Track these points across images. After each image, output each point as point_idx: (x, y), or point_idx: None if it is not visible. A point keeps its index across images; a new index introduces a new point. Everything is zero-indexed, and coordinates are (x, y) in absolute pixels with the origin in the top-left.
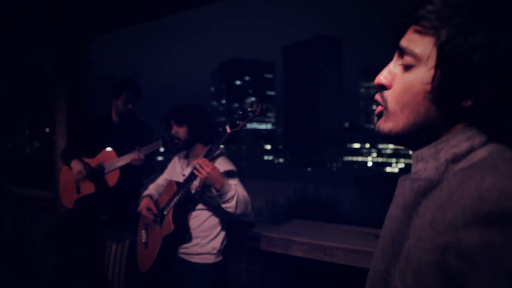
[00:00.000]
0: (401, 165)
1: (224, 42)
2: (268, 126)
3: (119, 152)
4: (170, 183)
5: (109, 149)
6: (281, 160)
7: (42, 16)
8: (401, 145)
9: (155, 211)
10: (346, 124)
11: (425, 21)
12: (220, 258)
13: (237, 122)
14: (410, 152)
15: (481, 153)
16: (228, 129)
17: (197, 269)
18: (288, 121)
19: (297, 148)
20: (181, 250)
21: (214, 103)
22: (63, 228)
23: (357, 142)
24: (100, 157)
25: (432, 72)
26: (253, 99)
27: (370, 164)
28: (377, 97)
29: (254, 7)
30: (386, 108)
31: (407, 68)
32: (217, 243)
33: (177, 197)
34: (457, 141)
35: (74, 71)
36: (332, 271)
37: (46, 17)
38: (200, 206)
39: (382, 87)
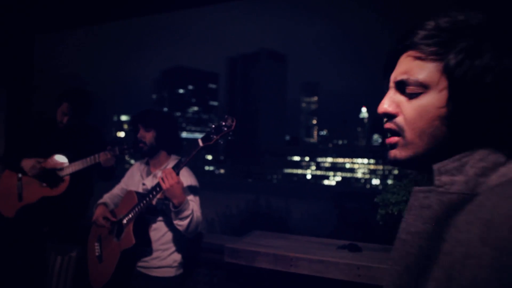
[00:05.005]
0: (338, 178)
1: (167, 49)
2: None
3: (68, 158)
4: (129, 193)
5: (59, 155)
6: (222, 171)
7: None
8: (418, 170)
9: (113, 219)
10: (287, 137)
11: (424, 46)
12: (181, 271)
13: (211, 136)
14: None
15: None
16: (200, 143)
17: (156, 283)
18: None
19: (238, 159)
20: (140, 264)
21: None
22: None
23: (297, 155)
24: (49, 162)
25: (444, 96)
26: (196, 108)
27: (309, 176)
28: (390, 125)
29: (199, 16)
30: (403, 136)
31: (413, 95)
32: (178, 256)
33: (138, 208)
34: (482, 155)
35: (15, 69)
36: (294, 282)
37: None
38: (160, 217)
39: (389, 116)
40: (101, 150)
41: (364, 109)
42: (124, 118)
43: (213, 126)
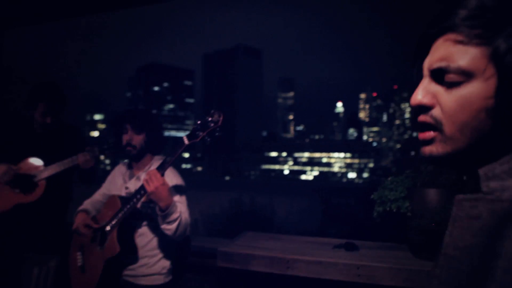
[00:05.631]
0: (315, 173)
1: (142, 46)
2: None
3: (45, 162)
4: (112, 198)
5: (33, 158)
6: (199, 168)
7: None
8: (456, 169)
9: (95, 226)
10: (264, 133)
11: (466, 29)
12: (170, 277)
13: (197, 133)
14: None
15: None
16: (185, 140)
17: None
18: None
19: (215, 156)
20: (126, 272)
21: None
22: None
23: (274, 151)
24: (22, 166)
25: (492, 86)
26: (171, 105)
27: (286, 172)
28: (424, 118)
29: (174, 12)
30: (441, 130)
31: (453, 85)
32: (167, 262)
33: (122, 214)
34: None
35: None
36: (290, 284)
37: None
38: (146, 222)
39: (424, 108)
40: (80, 151)
41: (339, 104)
42: (97, 117)
43: (199, 122)
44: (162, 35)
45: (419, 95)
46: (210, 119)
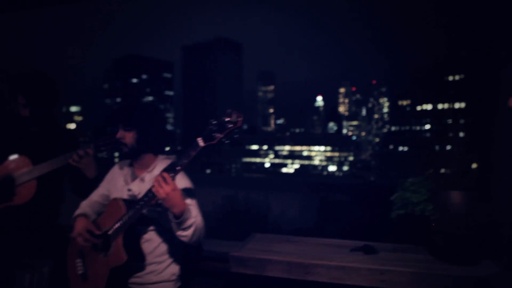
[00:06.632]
0: (296, 166)
1: (119, 37)
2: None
3: (35, 160)
4: (115, 201)
5: (20, 156)
6: None
7: None
8: None
9: (98, 233)
10: (245, 126)
11: None
12: (179, 284)
13: (213, 134)
14: None
15: None
16: (200, 142)
17: None
18: (187, 122)
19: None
20: (132, 280)
21: (108, 101)
22: None
23: (255, 144)
24: (8, 165)
25: None
26: (150, 98)
27: (267, 165)
28: None
29: (153, 4)
30: None
31: None
32: (175, 268)
33: (127, 219)
34: None
35: None
36: None
37: None
38: (152, 227)
39: None
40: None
41: (319, 98)
42: (74, 109)
43: (214, 122)
44: (140, 26)
45: None
46: (227, 119)
